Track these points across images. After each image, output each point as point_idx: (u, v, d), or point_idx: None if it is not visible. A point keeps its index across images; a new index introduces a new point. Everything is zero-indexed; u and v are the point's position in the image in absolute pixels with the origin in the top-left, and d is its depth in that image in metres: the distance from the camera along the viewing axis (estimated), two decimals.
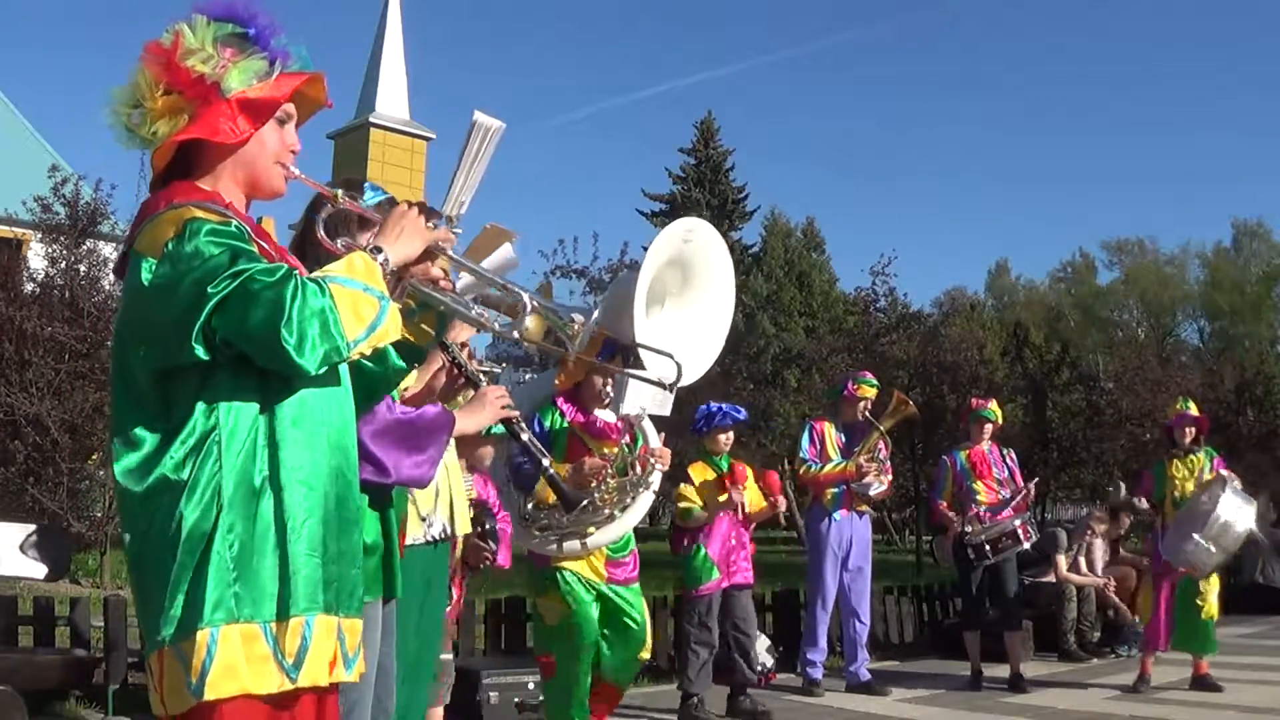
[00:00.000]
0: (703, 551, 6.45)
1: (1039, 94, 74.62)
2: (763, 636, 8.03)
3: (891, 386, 10.43)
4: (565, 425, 5.03)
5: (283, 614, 1.96)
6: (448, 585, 3.86)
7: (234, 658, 1.90)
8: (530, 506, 4.91)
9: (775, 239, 39.13)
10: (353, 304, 1.99)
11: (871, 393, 7.55)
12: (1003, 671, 7.60)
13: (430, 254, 2.25)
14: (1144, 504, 7.84)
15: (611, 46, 77.65)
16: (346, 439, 2.17)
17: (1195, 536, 7.08)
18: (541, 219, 63.68)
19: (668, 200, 34.18)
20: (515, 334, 2.31)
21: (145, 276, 2.00)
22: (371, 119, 29.01)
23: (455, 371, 3.14)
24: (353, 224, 2.64)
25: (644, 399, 4.99)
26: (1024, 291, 53.18)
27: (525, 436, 3.33)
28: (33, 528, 11.21)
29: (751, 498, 6.64)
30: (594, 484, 4.70)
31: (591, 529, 4.75)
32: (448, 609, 4.33)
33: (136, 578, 2.03)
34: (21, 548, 10.91)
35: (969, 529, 7.62)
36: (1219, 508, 7.06)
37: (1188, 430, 7.68)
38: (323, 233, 2.36)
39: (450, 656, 5.06)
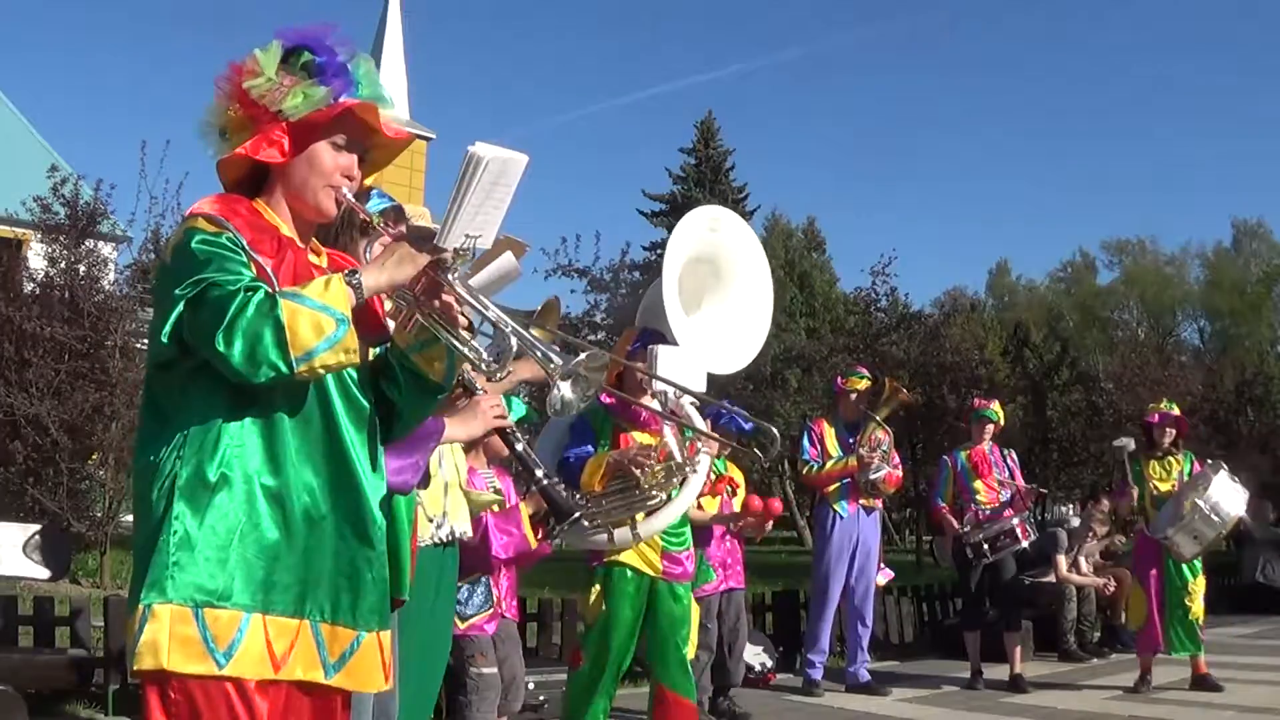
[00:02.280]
0: (700, 553, 6.41)
1: (1039, 94, 74.70)
2: (762, 636, 8.04)
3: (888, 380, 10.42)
4: (606, 415, 4.87)
5: (218, 603, 2.05)
6: (456, 588, 3.79)
7: (159, 635, 2.01)
8: (578, 498, 4.80)
9: (775, 239, 39.08)
10: (308, 321, 2.04)
11: (861, 384, 7.55)
12: (1003, 671, 7.60)
13: (436, 286, 2.25)
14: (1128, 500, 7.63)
15: (612, 46, 77.72)
16: (343, 449, 2.22)
17: (1181, 516, 7.05)
18: (542, 218, 63.64)
19: (668, 200, 34.06)
20: (502, 374, 2.34)
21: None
22: None
23: None
24: (355, 230, 2.70)
25: (675, 373, 4.89)
26: (1024, 291, 53.19)
27: (520, 447, 3.34)
28: (36, 528, 11.20)
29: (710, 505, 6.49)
30: (638, 469, 4.59)
31: (640, 515, 4.63)
32: (486, 615, 4.32)
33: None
34: (25, 549, 10.89)
35: (968, 528, 7.64)
36: (1210, 489, 7.03)
37: (1168, 430, 7.60)
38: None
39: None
